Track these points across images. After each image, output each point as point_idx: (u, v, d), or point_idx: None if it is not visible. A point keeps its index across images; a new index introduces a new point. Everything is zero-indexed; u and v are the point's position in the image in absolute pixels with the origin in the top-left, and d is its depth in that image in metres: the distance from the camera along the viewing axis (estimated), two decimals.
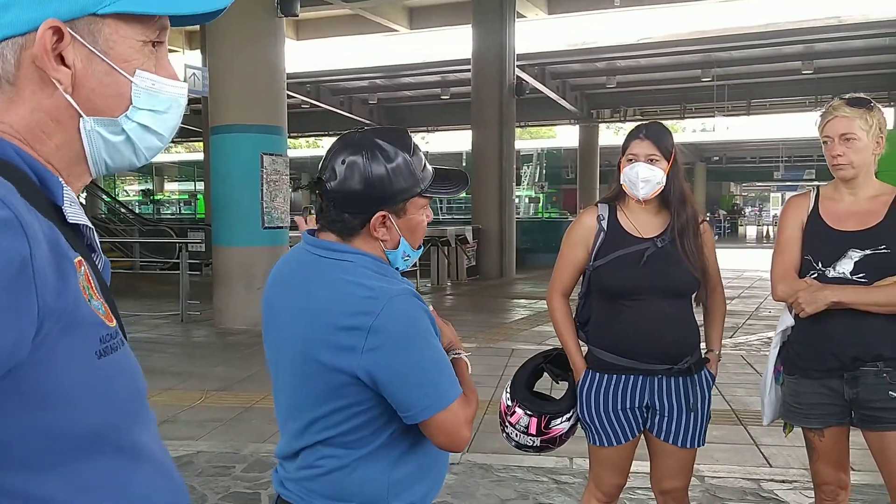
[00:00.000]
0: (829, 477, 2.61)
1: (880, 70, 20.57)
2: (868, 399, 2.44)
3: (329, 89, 24.05)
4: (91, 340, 0.83)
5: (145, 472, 0.91)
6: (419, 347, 1.46)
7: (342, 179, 1.49)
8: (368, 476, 1.52)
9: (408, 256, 1.60)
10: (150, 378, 6.13)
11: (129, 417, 0.90)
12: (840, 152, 2.48)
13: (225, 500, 3.89)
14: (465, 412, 1.48)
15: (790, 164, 37.90)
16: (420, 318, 1.48)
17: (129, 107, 0.91)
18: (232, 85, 9.32)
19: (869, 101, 2.51)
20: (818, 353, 2.52)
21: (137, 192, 40.65)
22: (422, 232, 1.61)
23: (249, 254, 9.23)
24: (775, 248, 2.67)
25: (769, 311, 10.93)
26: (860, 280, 2.43)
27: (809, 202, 2.62)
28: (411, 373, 1.44)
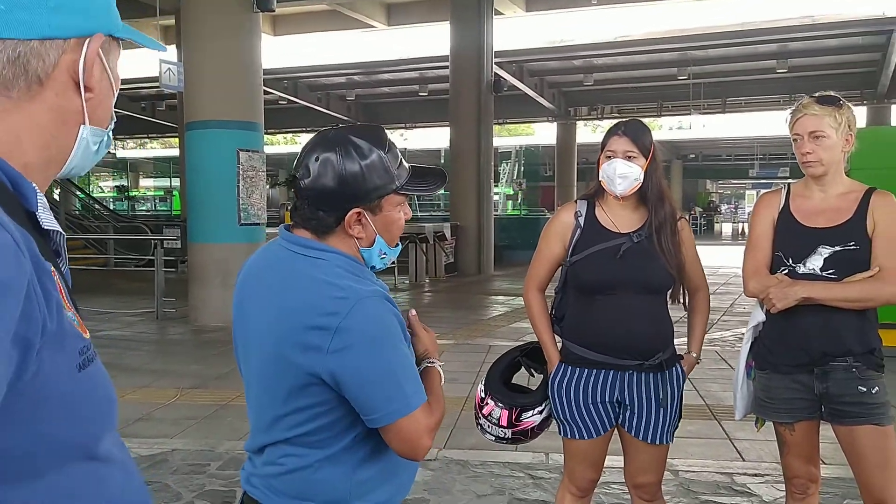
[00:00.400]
0: (800, 470, 2.64)
1: (853, 69, 20.85)
2: (837, 394, 2.47)
3: (306, 85, 23.93)
4: (72, 354, 0.85)
5: (116, 476, 0.93)
6: (385, 351, 1.43)
7: (316, 177, 1.48)
8: (331, 477, 1.50)
9: (384, 255, 1.59)
10: (125, 376, 6.11)
11: (106, 426, 0.93)
12: (809, 150, 2.51)
13: (200, 499, 3.86)
14: (428, 421, 1.46)
15: (765, 161, 38.29)
16: (388, 322, 1.46)
17: (111, 120, 1.01)
18: (208, 80, 9.24)
19: (838, 99, 2.54)
20: (788, 348, 2.55)
21: (112, 188, 40.20)
22: (398, 230, 1.59)
23: (225, 250, 9.16)
24: (747, 244, 2.70)
25: (743, 308, 11.05)
26: (830, 276, 2.46)
27: (780, 199, 2.64)
28: (375, 376, 1.42)
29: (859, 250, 2.45)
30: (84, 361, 0.87)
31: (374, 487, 1.54)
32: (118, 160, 36.24)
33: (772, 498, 3.85)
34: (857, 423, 2.46)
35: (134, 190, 39.55)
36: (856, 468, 2.54)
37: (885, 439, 2.46)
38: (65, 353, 0.83)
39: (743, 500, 3.83)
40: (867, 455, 2.47)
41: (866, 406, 2.44)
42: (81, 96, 0.93)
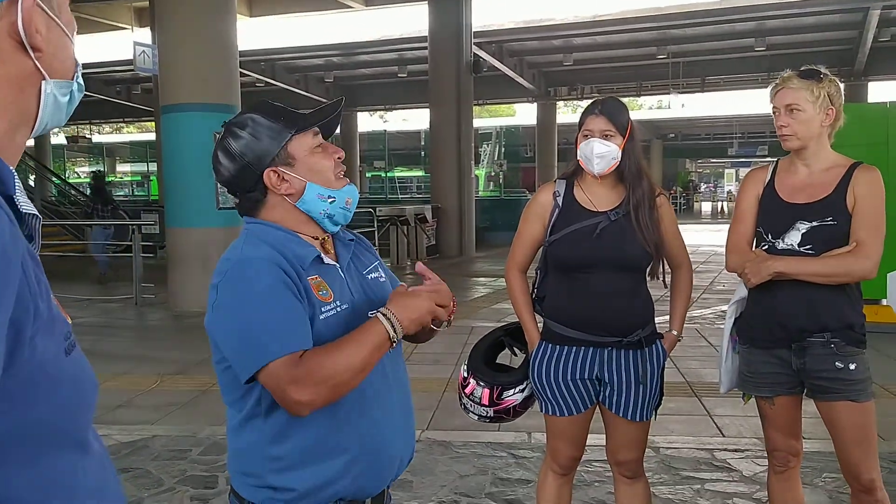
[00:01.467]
0: (781, 444, 2.67)
1: (831, 47, 20.98)
2: (815, 369, 2.48)
3: (284, 67, 23.71)
4: (59, 338, 0.84)
5: (94, 465, 0.92)
6: (246, 307, 1.47)
7: (222, 169, 1.60)
8: (248, 447, 1.56)
9: (331, 197, 1.59)
10: (105, 363, 6.05)
11: (88, 413, 0.91)
12: (785, 123, 2.51)
13: (181, 484, 3.84)
14: (292, 372, 1.41)
15: (744, 140, 38.55)
16: (256, 279, 1.47)
17: (76, 67, 0.95)
18: (183, 63, 9.11)
19: (818, 73, 2.52)
20: (767, 323, 2.56)
21: (88, 173, 39.73)
22: (329, 169, 1.60)
23: (204, 235, 9.08)
24: (732, 220, 2.71)
25: (723, 286, 11.15)
26: (807, 252, 2.46)
27: (767, 175, 2.64)
28: (234, 330, 1.48)
29: (836, 225, 2.44)
30: (69, 346, 0.86)
31: (290, 467, 1.52)
32: (94, 145, 35.78)
33: (752, 473, 3.89)
34: (835, 400, 2.47)
35: (111, 175, 39.11)
36: (835, 442, 2.56)
37: (864, 415, 2.47)
38: (54, 338, 0.83)
39: (723, 476, 3.87)
40: (845, 431, 2.49)
41: (844, 382, 2.45)
42: (32, 57, 0.88)
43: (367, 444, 1.56)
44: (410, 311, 1.49)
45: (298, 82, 24.58)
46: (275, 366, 1.41)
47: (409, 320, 1.48)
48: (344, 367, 1.41)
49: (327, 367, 1.41)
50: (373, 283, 1.68)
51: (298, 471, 1.52)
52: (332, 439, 1.53)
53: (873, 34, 18.39)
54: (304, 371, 1.40)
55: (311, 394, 1.40)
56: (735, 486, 3.73)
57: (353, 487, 1.56)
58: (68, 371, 0.85)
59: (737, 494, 3.64)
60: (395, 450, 1.63)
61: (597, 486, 3.74)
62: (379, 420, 1.58)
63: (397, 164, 33.64)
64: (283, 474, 1.53)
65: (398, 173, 33.77)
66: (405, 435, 1.68)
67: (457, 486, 3.79)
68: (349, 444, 1.54)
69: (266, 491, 1.54)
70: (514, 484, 3.80)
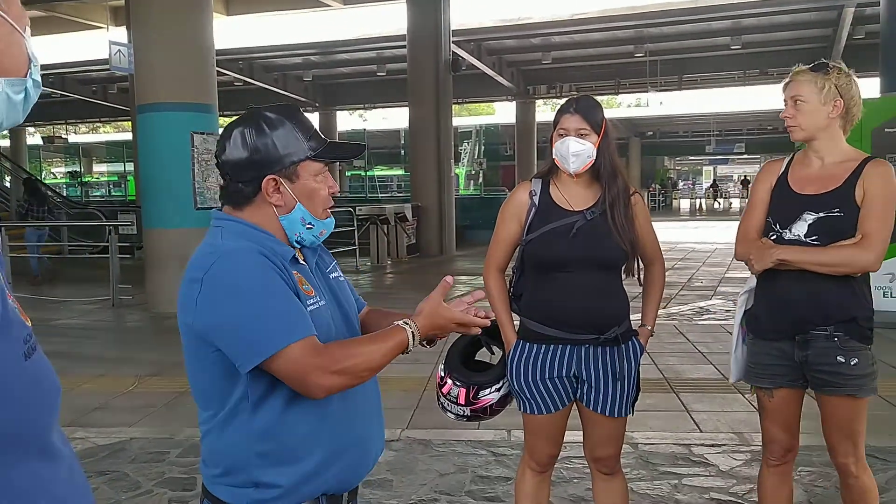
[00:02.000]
0: (776, 436, 2.69)
1: (805, 45, 21.18)
2: (816, 362, 2.49)
3: (262, 66, 23.59)
4: (17, 342, 0.82)
5: (62, 473, 0.89)
6: (245, 297, 1.48)
7: (229, 150, 1.58)
8: (232, 442, 1.55)
9: (311, 225, 1.62)
10: (81, 365, 5.99)
11: (52, 418, 0.89)
12: (789, 114, 2.54)
13: (160, 486, 3.81)
14: (315, 360, 1.45)
15: (721, 137, 38.86)
16: (251, 270, 1.49)
17: (30, 65, 0.92)
18: (159, 62, 9.03)
19: (826, 65, 2.53)
20: (772, 314, 2.58)
21: (64, 174, 39.28)
22: (322, 201, 1.63)
23: (182, 236, 8.99)
24: (744, 210, 2.74)
25: (701, 282, 11.24)
26: (813, 243, 2.48)
27: (781, 167, 2.67)
28: (235, 321, 1.47)
29: (843, 217, 2.45)
30: (28, 350, 0.83)
31: (278, 462, 1.54)
32: (70, 145, 35.39)
33: (728, 467, 3.93)
34: (834, 394, 2.50)
35: (87, 175, 38.70)
36: (825, 430, 2.60)
37: (858, 410, 2.51)
38: (10, 342, 0.80)
39: (700, 471, 3.91)
40: (838, 422, 2.54)
41: (843, 377, 2.47)
42: None
43: (350, 437, 1.60)
44: (431, 324, 1.58)
45: (277, 81, 24.46)
46: (293, 351, 1.44)
47: (425, 332, 1.58)
48: (366, 362, 1.50)
49: (351, 361, 1.48)
50: (334, 282, 1.74)
51: (286, 466, 1.53)
52: (319, 432, 1.55)
53: (848, 32, 18.59)
54: (329, 359, 1.46)
55: (332, 380, 1.46)
56: (712, 481, 3.77)
57: (336, 480, 1.58)
58: (27, 376, 0.83)
59: (714, 489, 3.67)
60: (375, 442, 1.69)
61: (575, 482, 3.76)
62: (361, 413, 1.63)
63: (377, 162, 33.56)
64: (270, 470, 1.53)
65: (378, 172, 33.70)
66: (380, 428, 1.74)
67: (437, 484, 3.80)
68: (334, 437, 1.57)
69: (249, 491, 1.54)
70: (493, 482, 3.81)
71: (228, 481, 1.56)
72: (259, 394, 1.51)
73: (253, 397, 1.52)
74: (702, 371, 5.95)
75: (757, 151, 45.07)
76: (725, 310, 8.92)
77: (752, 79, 23.57)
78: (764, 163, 2.81)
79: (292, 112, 1.61)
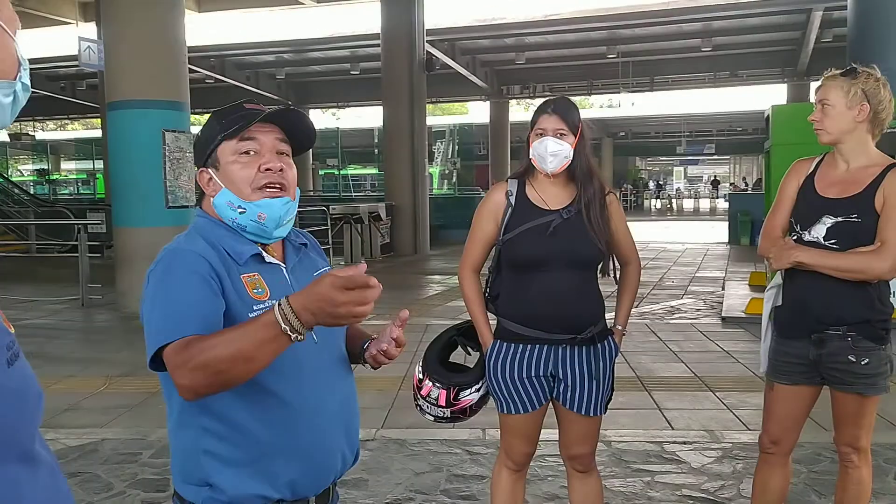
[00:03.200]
0: (768, 427, 2.75)
1: (775, 47, 21.54)
2: (830, 360, 2.55)
3: (234, 63, 23.39)
4: (0, 349, 0.81)
5: (42, 479, 0.88)
6: (159, 295, 1.48)
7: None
8: (185, 440, 1.56)
9: (241, 208, 1.56)
10: (51, 366, 5.91)
11: (34, 425, 0.88)
12: (816, 117, 2.58)
13: (132, 488, 3.78)
14: (176, 358, 1.39)
15: (691, 138, 39.30)
16: (175, 270, 1.49)
17: (19, 68, 0.91)
18: (130, 58, 8.91)
19: (855, 70, 2.56)
20: (791, 313, 2.65)
21: (32, 171, 38.62)
22: (242, 179, 1.57)
23: (153, 234, 8.87)
24: (771, 207, 2.78)
25: (672, 281, 11.37)
26: (832, 246, 2.52)
27: (810, 167, 2.69)
28: (146, 318, 1.48)
29: (861, 223, 2.49)
30: (11, 357, 0.83)
31: (227, 465, 1.52)
32: (37, 142, 34.81)
33: (700, 464, 3.99)
34: (846, 391, 2.57)
35: (55, 173, 38.09)
36: (834, 419, 2.68)
37: (866, 407, 2.58)
38: None
39: (672, 468, 3.96)
40: (845, 416, 2.62)
41: (854, 375, 2.53)
42: None
43: (299, 445, 1.55)
44: (306, 297, 1.30)
45: (249, 79, 24.27)
46: (166, 352, 1.41)
47: (303, 307, 1.30)
48: (224, 354, 1.34)
49: (206, 354, 1.35)
50: None
51: (231, 468, 1.52)
52: (262, 437, 1.52)
53: (816, 35, 18.91)
54: (186, 356, 1.37)
55: (189, 379, 1.37)
56: (684, 478, 3.82)
57: (289, 489, 1.55)
58: (10, 383, 0.82)
59: (686, 486, 3.72)
60: (334, 449, 1.62)
61: (550, 480, 3.79)
62: (315, 422, 1.57)
63: (350, 161, 33.44)
64: (218, 470, 1.52)
65: (352, 171, 33.58)
66: (347, 433, 1.66)
67: (412, 483, 3.80)
68: (280, 443, 1.53)
69: (203, 489, 1.54)
70: (468, 480, 3.83)
71: (186, 479, 1.56)
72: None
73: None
74: (673, 369, 6.02)
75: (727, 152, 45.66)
76: (696, 309, 9.03)
77: (722, 81, 23.89)
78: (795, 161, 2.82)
79: (226, 107, 1.64)
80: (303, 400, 1.55)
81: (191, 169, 9.44)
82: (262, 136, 1.59)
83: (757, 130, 34.00)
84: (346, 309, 1.28)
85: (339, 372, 1.67)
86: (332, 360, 1.66)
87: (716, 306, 9.04)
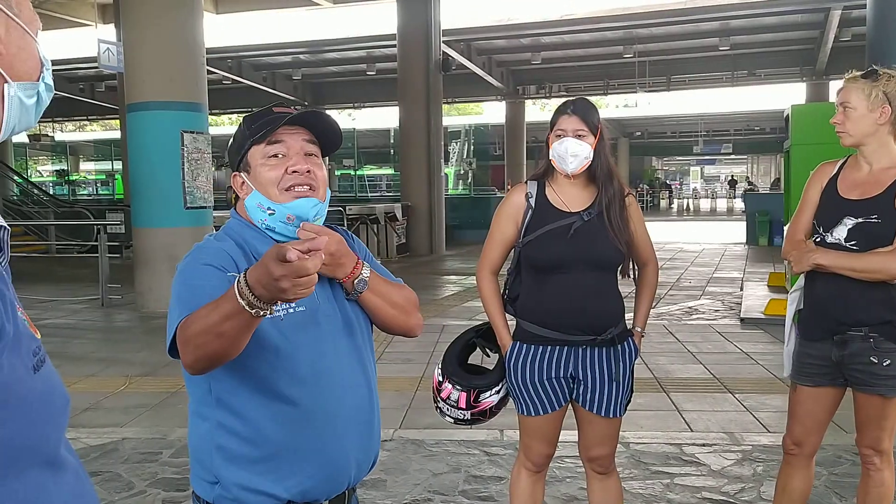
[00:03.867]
0: (791, 427, 2.75)
1: (793, 46, 21.36)
2: (851, 361, 2.55)
3: (251, 64, 23.50)
4: (27, 355, 0.81)
5: (68, 482, 0.88)
6: (178, 283, 1.55)
7: None
8: (201, 434, 1.59)
9: (271, 210, 1.58)
10: (71, 365, 5.97)
11: (59, 429, 0.88)
12: (838, 120, 2.58)
13: (152, 487, 3.81)
14: (179, 337, 1.45)
15: (708, 138, 39.05)
16: (196, 260, 1.56)
17: (42, 68, 0.91)
18: (148, 60, 8.99)
19: (875, 72, 2.55)
20: (813, 314, 2.66)
21: (51, 172, 39.00)
22: (269, 180, 1.59)
23: (171, 235, 8.97)
24: (796, 210, 2.79)
25: (690, 282, 11.30)
26: (852, 247, 2.53)
27: (833, 170, 2.70)
28: (169, 306, 1.54)
29: (881, 224, 2.49)
30: (38, 363, 0.83)
31: (238, 461, 1.54)
32: (57, 143, 35.12)
33: (720, 467, 3.96)
34: (867, 392, 2.56)
35: (74, 174, 38.45)
36: (856, 420, 2.67)
37: (889, 408, 2.57)
38: (20, 355, 0.80)
39: (692, 470, 3.94)
40: (867, 417, 2.61)
41: (876, 376, 2.52)
42: None
43: (312, 449, 1.55)
44: (255, 269, 1.26)
45: (266, 80, 24.37)
46: (177, 334, 1.46)
47: (256, 281, 1.26)
48: (198, 329, 1.37)
49: (186, 329, 1.41)
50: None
51: (242, 466, 1.54)
52: (276, 437, 1.53)
53: (834, 34, 18.74)
54: (181, 335, 1.44)
55: (183, 355, 1.44)
56: (703, 480, 3.80)
57: (299, 491, 1.56)
58: (37, 388, 0.83)
59: (705, 488, 3.70)
60: (348, 455, 1.61)
61: (569, 481, 3.79)
62: (329, 427, 1.57)
63: (366, 162, 33.52)
64: (228, 467, 1.54)
65: (367, 171, 33.66)
66: (364, 440, 1.65)
67: (430, 484, 3.81)
68: (294, 445, 1.54)
69: (215, 486, 1.56)
70: (487, 481, 3.83)
71: (200, 475, 1.59)
72: (221, 390, 1.54)
73: (216, 393, 1.55)
74: (692, 371, 5.99)
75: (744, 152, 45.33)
76: (714, 310, 8.97)
77: (739, 80, 23.71)
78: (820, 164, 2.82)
79: (256, 112, 1.66)
80: (318, 404, 1.56)
81: (208, 170, 9.51)
82: (290, 138, 1.60)
83: (775, 130, 33.78)
84: (287, 282, 1.21)
85: (359, 377, 1.67)
86: (354, 365, 1.65)
87: (734, 307, 8.98)
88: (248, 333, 1.36)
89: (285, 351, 1.53)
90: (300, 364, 1.54)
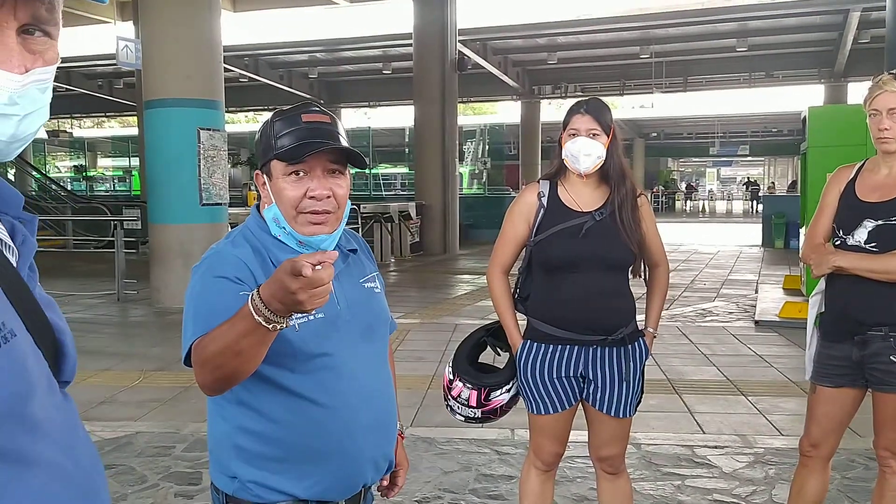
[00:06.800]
0: (809, 429, 2.74)
1: (811, 48, 21.19)
2: (871, 361, 2.56)
3: (268, 63, 23.59)
4: None
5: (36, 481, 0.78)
6: (194, 293, 1.53)
7: None
8: (220, 431, 1.60)
9: (284, 228, 1.57)
10: (87, 359, 6.03)
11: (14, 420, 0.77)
12: (887, 126, 2.54)
13: (165, 480, 3.84)
14: (195, 357, 1.44)
15: (725, 139, 38.83)
16: (213, 270, 1.53)
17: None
18: (166, 57, 9.06)
19: None
20: (834, 316, 2.66)
21: (69, 168, 39.33)
22: (287, 201, 1.54)
23: (187, 231, 9.05)
24: (815, 213, 2.80)
25: (704, 284, 11.24)
26: (872, 249, 2.54)
27: (851, 173, 2.71)
28: (184, 315, 1.53)
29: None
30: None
31: (256, 461, 1.55)
32: (75, 139, 35.42)
33: (731, 469, 3.95)
34: (886, 391, 2.56)
35: (92, 170, 38.75)
36: (874, 421, 2.66)
37: None
38: None
39: (703, 472, 3.92)
40: (884, 417, 2.60)
41: (894, 376, 2.53)
42: None
43: (330, 451, 1.56)
44: (269, 285, 1.27)
45: (282, 78, 24.47)
46: (191, 352, 1.45)
47: (270, 296, 1.26)
48: (215, 349, 1.37)
49: (202, 351, 1.40)
50: (367, 292, 1.69)
51: (258, 465, 1.55)
52: (294, 438, 1.55)
53: (853, 36, 18.58)
54: (196, 356, 1.43)
55: (200, 377, 1.43)
56: (715, 483, 3.79)
57: (315, 491, 1.57)
58: None
59: (717, 490, 3.69)
60: (366, 457, 1.62)
61: (579, 481, 3.78)
62: (348, 429, 1.57)
63: (381, 160, 33.57)
64: (244, 466, 1.56)
65: (382, 170, 33.71)
66: (382, 443, 1.66)
67: (441, 482, 3.82)
68: (311, 445, 1.55)
69: (232, 480, 1.58)
70: (497, 480, 3.83)
71: (218, 468, 1.62)
72: (240, 391, 1.53)
73: (237, 393, 1.54)
74: (704, 373, 5.96)
75: (761, 154, 45.01)
76: (728, 312, 8.93)
77: (757, 81, 23.55)
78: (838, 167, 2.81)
79: (288, 111, 1.60)
80: (337, 406, 1.56)
81: (224, 167, 9.57)
82: (312, 157, 1.54)
83: (792, 132, 33.50)
84: (303, 294, 1.22)
85: (378, 380, 1.68)
86: (373, 369, 1.66)
87: (749, 309, 8.94)
88: (265, 348, 1.37)
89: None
90: (320, 365, 1.56)
